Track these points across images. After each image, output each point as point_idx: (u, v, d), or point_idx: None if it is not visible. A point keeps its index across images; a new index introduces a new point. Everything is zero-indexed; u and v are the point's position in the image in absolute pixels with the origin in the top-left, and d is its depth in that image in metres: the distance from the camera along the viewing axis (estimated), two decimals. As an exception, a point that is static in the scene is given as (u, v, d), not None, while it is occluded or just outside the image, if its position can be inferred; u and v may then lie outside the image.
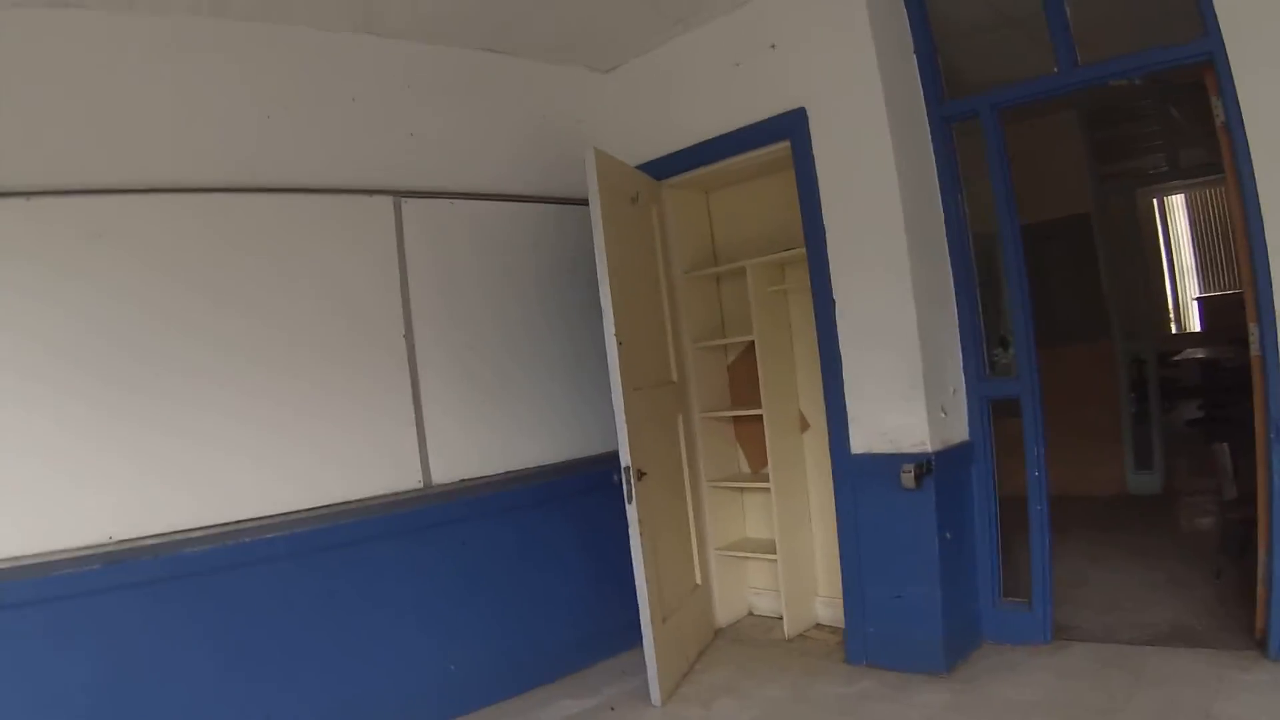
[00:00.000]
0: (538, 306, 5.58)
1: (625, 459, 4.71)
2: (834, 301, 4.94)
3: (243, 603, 4.36)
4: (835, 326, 4.96)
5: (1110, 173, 8.79)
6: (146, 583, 4.09)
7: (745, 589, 6.29)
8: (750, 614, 6.27)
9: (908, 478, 4.59)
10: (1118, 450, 8.06)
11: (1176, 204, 12.83)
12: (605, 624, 5.49)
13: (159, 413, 4.21)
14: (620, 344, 4.69)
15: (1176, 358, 9.17)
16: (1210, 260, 13.09)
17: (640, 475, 4.78)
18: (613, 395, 4.72)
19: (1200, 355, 9.55)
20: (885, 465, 4.76)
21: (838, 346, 4.96)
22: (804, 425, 5.87)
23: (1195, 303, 12.68)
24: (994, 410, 4.99)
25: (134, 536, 4.09)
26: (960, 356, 5.01)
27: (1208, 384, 9.02)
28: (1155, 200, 12.10)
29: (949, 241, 4.96)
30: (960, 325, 5.00)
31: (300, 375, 4.65)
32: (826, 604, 5.73)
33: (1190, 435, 8.47)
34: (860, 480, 4.94)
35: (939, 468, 4.66)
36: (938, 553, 4.68)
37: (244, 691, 4.33)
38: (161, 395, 4.22)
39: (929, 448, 4.66)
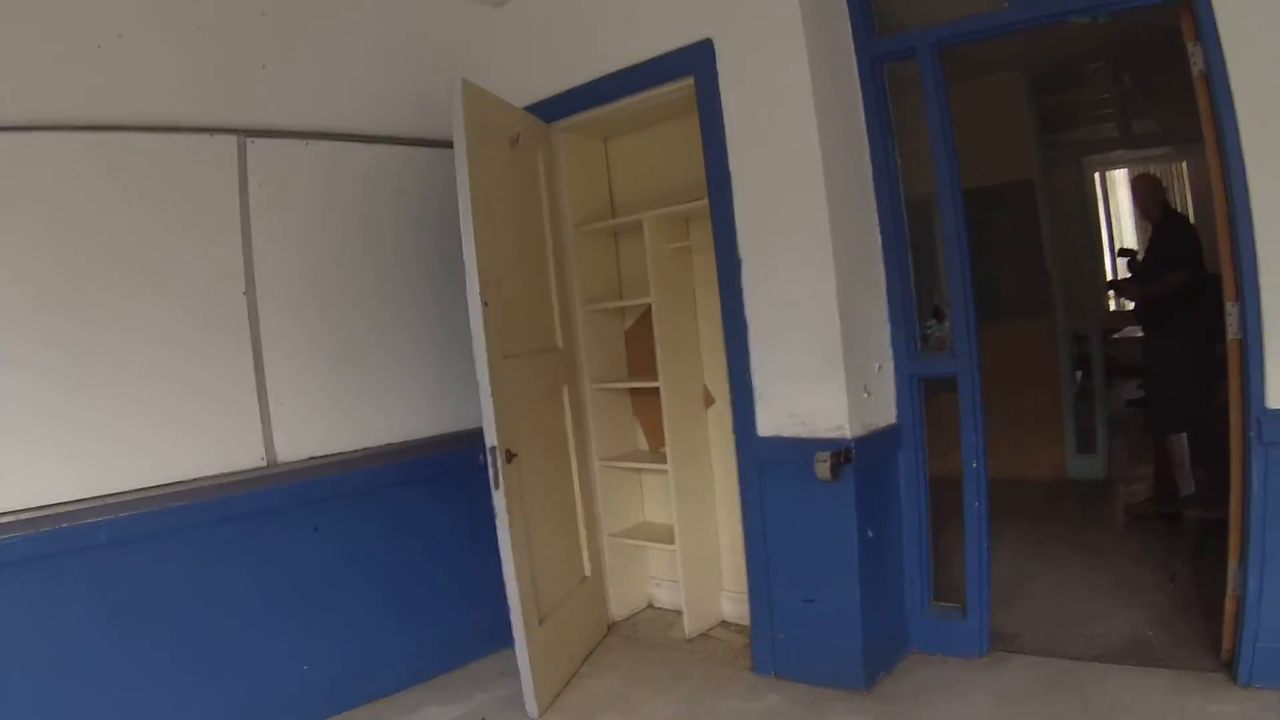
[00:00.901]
0: (402, 264, 4.92)
1: (490, 438, 4.07)
2: (739, 261, 4.24)
3: (48, 602, 3.72)
4: (740, 291, 4.25)
5: (1056, 141, 8.29)
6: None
7: (645, 579, 5.67)
8: (650, 606, 5.67)
9: (823, 468, 3.92)
10: (1058, 432, 7.54)
11: (1119, 179, 12.29)
12: (482, 617, 4.77)
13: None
14: (486, 305, 4.05)
15: (1116, 335, 8.69)
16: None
17: (510, 456, 4.15)
18: (476, 364, 4.07)
19: (1140, 334, 9.05)
20: (797, 451, 4.08)
21: (743, 313, 4.26)
22: (709, 400, 5.19)
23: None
24: (925, 388, 4.38)
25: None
26: (888, 329, 4.33)
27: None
28: (1098, 175, 11.55)
29: (877, 198, 4.30)
30: (889, 294, 4.33)
31: (119, 333, 3.94)
32: (733, 599, 5.08)
33: (1130, 416, 8.11)
34: (768, 467, 4.28)
35: (860, 455, 4.00)
36: (857, 553, 4.05)
37: (38, 708, 3.69)
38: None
39: (848, 433, 3.98)
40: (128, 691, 3.86)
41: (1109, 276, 9.87)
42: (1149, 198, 6.09)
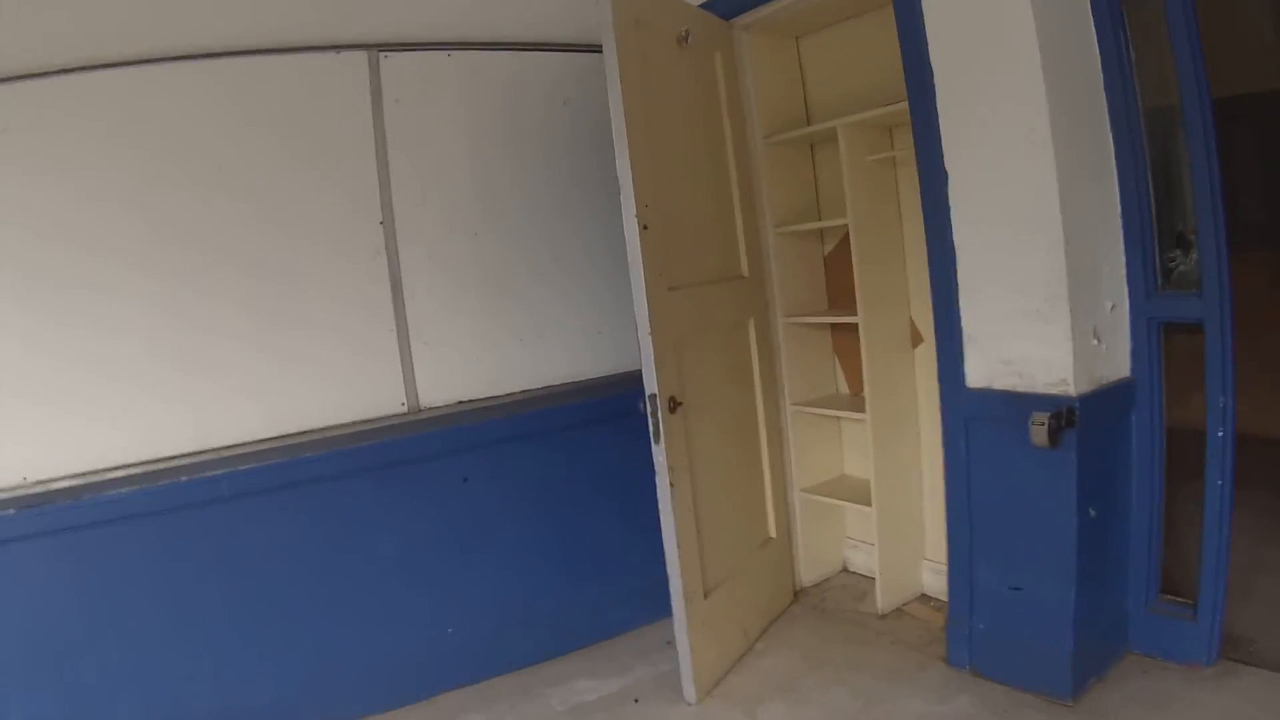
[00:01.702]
0: (558, 186, 4.36)
1: (650, 384, 3.54)
2: (945, 174, 3.47)
3: (183, 550, 3.57)
4: (947, 208, 3.48)
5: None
6: (63, 530, 3.37)
7: (840, 540, 5.02)
8: (845, 570, 5.03)
9: (1040, 432, 3.17)
10: None
11: None
12: (646, 580, 4.15)
13: (80, 312, 3.42)
14: (644, 228, 3.47)
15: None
16: None
17: (675, 405, 3.62)
18: (635, 298, 3.52)
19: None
20: (1011, 408, 3.34)
21: (950, 237, 3.49)
22: (916, 339, 4.43)
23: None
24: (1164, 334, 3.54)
25: (50, 477, 3.38)
26: (1123, 260, 3.49)
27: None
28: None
29: (1109, 99, 3.43)
30: (1124, 217, 3.47)
31: (242, 268, 3.67)
32: (936, 571, 4.39)
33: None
34: (976, 425, 3.54)
35: (1086, 417, 3.22)
36: (1076, 536, 3.30)
37: (189, 650, 3.60)
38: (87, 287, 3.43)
39: (1072, 389, 3.21)
40: (265, 633, 3.71)
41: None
42: None
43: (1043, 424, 3.16)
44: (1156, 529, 3.59)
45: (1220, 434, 3.33)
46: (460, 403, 4.07)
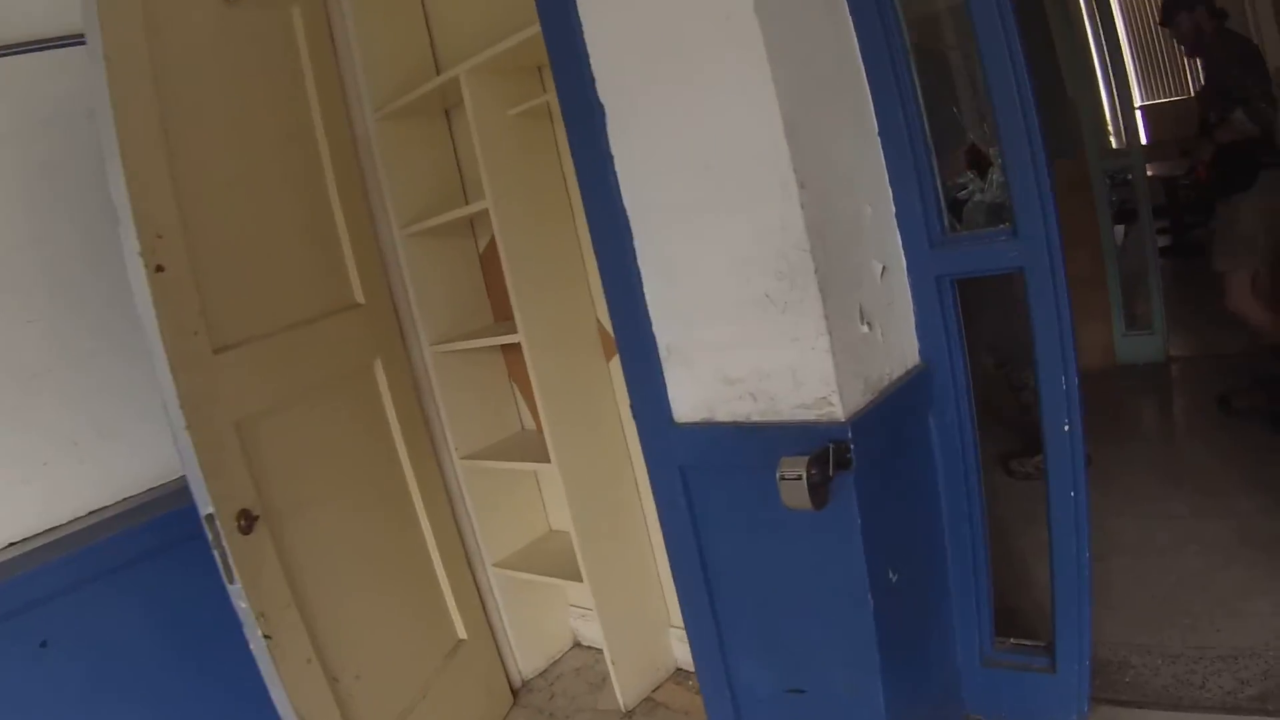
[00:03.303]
0: (91, 232, 2.87)
1: (202, 501, 2.29)
2: (599, 105, 2.12)
3: None
4: (607, 155, 2.13)
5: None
6: None
7: (565, 609, 3.79)
8: (577, 644, 3.82)
9: (794, 490, 1.84)
10: (1104, 305, 5.76)
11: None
12: None
13: None
14: (158, 270, 2.25)
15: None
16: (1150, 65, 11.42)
17: (249, 522, 2.37)
18: (156, 371, 2.25)
19: (1153, 172, 7.60)
20: (748, 447, 2.06)
21: (618, 199, 2.15)
22: (611, 350, 3.19)
23: (1139, 111, 10.27)
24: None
25: None
26: (890, 197, 2.25)
27: (1170, 204, 7.72)
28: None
29: None
30: (884, 134, 2.24)
31: None
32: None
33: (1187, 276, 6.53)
34: (699, 476, 2.21)
35: (865, 448, 1.94)
36: (873, 616, 2.03)
37: None
38: None
39: (839, 409, 1.92)
40: None
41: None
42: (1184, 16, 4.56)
43: (798, 477, 1.84)
44: (983, 564, 2.46)
45: (1066, 427, 2.18)
46: (10, 545, 2.64)
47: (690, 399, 2.15)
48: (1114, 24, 6.42)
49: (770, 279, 1.91)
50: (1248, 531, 3.49)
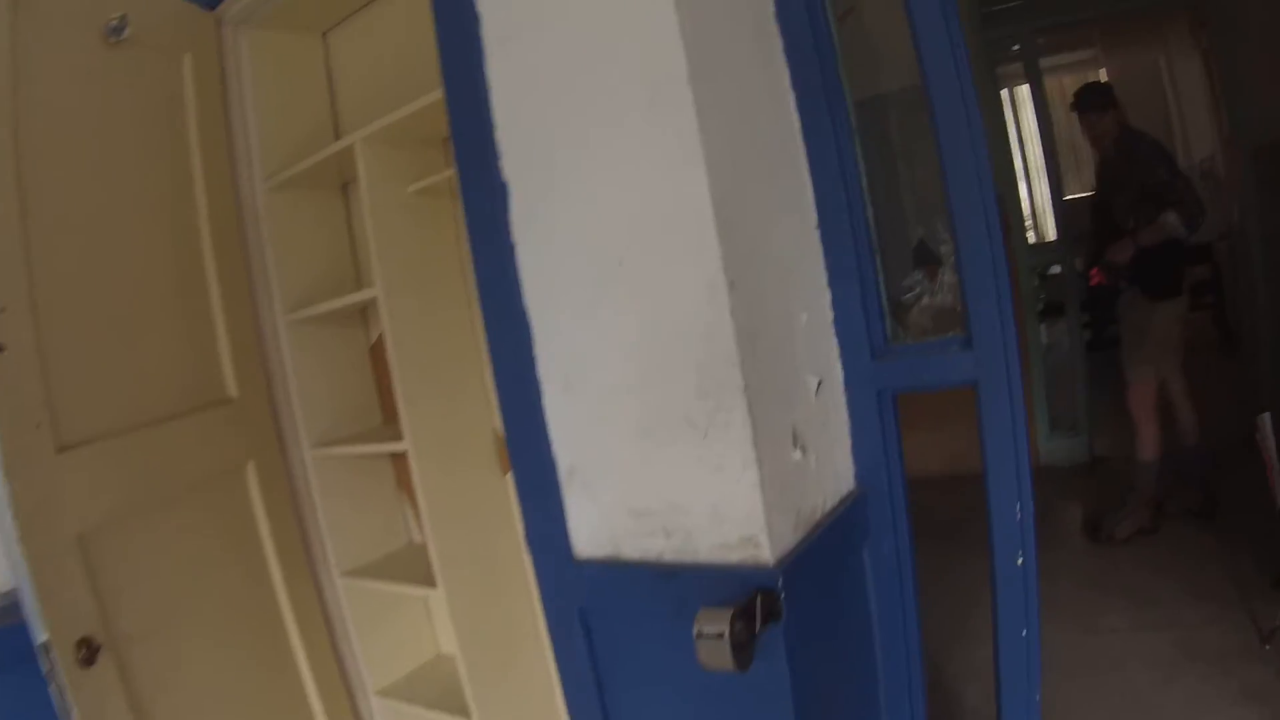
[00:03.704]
0: None
1: (37, 627, 2.03)
2: (502, 185, 1.80)
3: None
4: (509, 244, 1.81)
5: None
6: None
7: None
8: None
9: (714, 649, 1.48)
10: (1028, 406, 5.44)
11: (1023, 95, 10.48)
12: None
13: None
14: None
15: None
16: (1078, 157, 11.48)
17: (90, 652, 2.09)
18: None
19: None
20: (660, 592, 1.71)
21: (519, 294, 1.82)
22: (508, 463, 2.82)
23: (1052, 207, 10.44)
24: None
25: None
26: (828, 301, 1.96)
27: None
28: (1004, 92, 9.73)
29: (788, 46, 1.94)
30: (825, 232, 1.95)
31: None
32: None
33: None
34: (602, 621, 1.86)
35: (797, 595, 1.61)
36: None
37: None
38: None
39: (767, 551, 1.59)
40: None
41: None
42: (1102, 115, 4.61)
43: (720, 634, 1.51)
44: (920, 707, 2.15)
45: (1019, 560, 1.87)
46: None
47: (593, 531, 1.81)
48: (1049, 114, 6.37)
49: (691, 397, 1.61)
50: (1192, 644, 3.41)
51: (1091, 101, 4.59)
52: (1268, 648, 3.28)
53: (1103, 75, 11.29)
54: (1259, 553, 3.89)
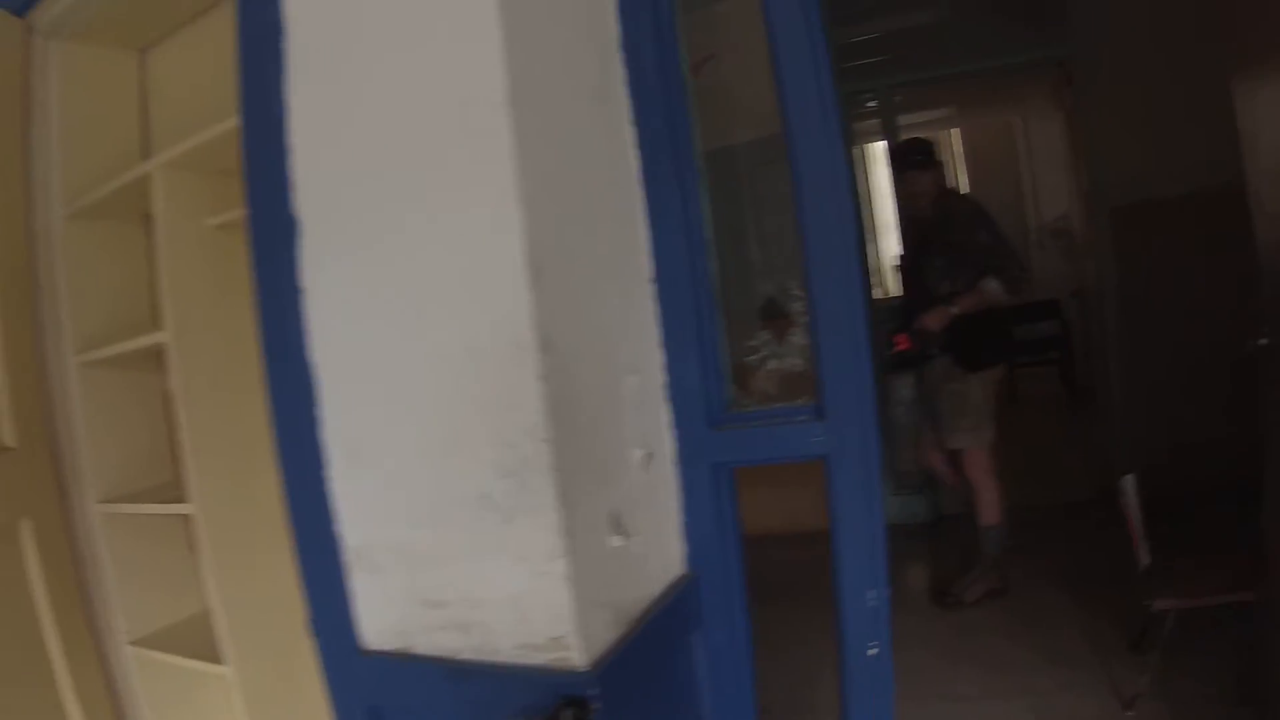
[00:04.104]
0: None
1: None
2: (290, 219, 1.53)
3: None
4: (295, 290, 1.55)
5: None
6: None
7: None
8: None
9: None
10: None
11: (877, 152, 10.45)
12: None
13: None
14: None
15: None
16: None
17: None
18: None
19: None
20: (454, 692, 1.46)
21: (301, 348, 1.56)
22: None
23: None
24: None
25: None
26: (662, 366, 1.74)
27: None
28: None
29: (631, 77, 1.74)
30: (662, 285, 1.73)
31: None
32: None
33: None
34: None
35: (612, 698, 1.37)
36: None
37: None
38: None
39: (575, 654, 1.35)
40: None
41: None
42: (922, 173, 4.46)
43: (521, 752, 1.31)
44: None
45: (872, 651, 1.68)
46: None
47: (383, 621, 1.55)
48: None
49: (491, 474, 1.37)
50: (1047, 711, 3.27)
51: (912, 159, 4.44)
52: (1130, 714, 3.17)
53: (957, 135, 11.47)
54: (1117, 615, 3.78)
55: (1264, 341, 2.63)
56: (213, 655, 2.45)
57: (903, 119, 9.68)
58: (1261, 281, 2.69)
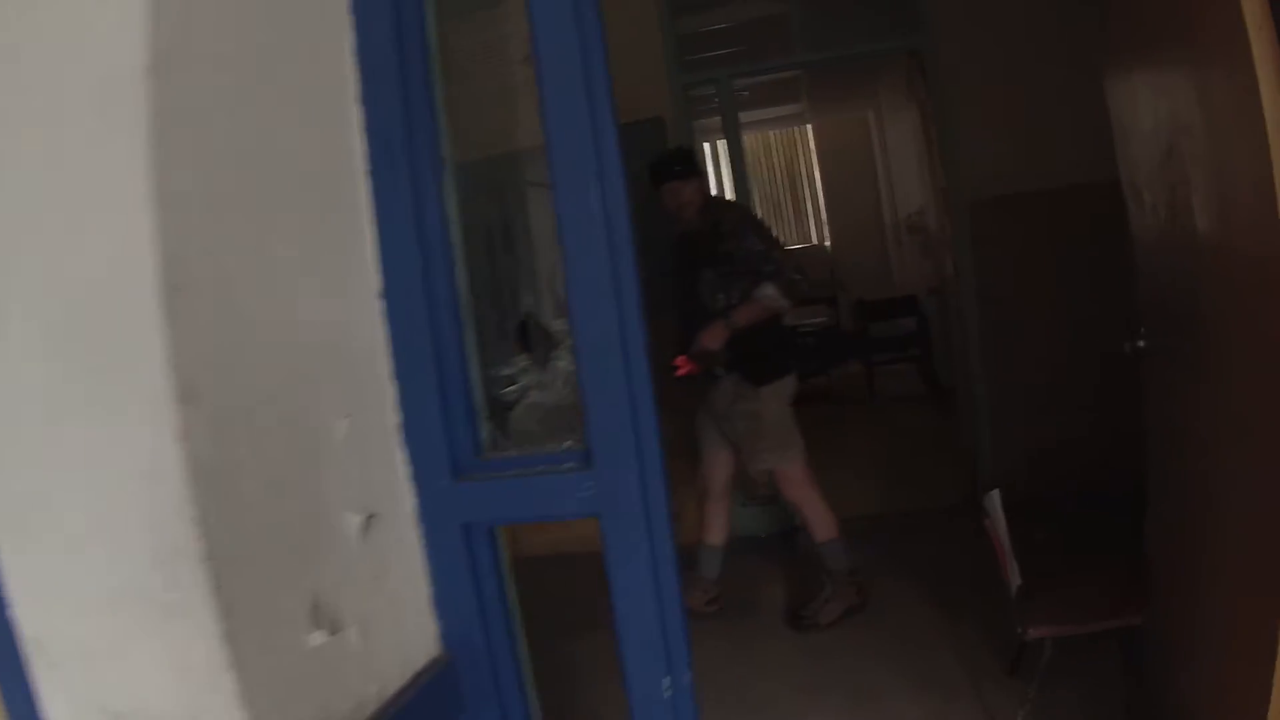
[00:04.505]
0: None
1: None
2: None
3: None
4: None
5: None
6: None
7: None
8: None
9: None
10: None
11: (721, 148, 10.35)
12: None
13: None
14: None
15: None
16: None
17: None
18: None
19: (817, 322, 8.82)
20: None
21: None
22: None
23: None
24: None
25: None
26: (393, 404, 1.39)
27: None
28: (706, 144, 9.66)
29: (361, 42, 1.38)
30: (394, 300, 1.39)
31: None
32: None
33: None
34: None
35: None
36: None
37: None
38: None
39: None
40: None
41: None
42: (684, 183, 4.20)
43: None
44: None
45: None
46: None
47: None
48: (745, 173, 6.10)
49: (143, 561, 1.04)
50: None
51: (671, 170, 4.15)
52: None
53: (810, 130, 11.52)
54: (994, 630, 3.51)
55: (1141, 344, 2.47)
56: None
57: (752, 115, 9.51)
58: (1136, 281, 2.54)
